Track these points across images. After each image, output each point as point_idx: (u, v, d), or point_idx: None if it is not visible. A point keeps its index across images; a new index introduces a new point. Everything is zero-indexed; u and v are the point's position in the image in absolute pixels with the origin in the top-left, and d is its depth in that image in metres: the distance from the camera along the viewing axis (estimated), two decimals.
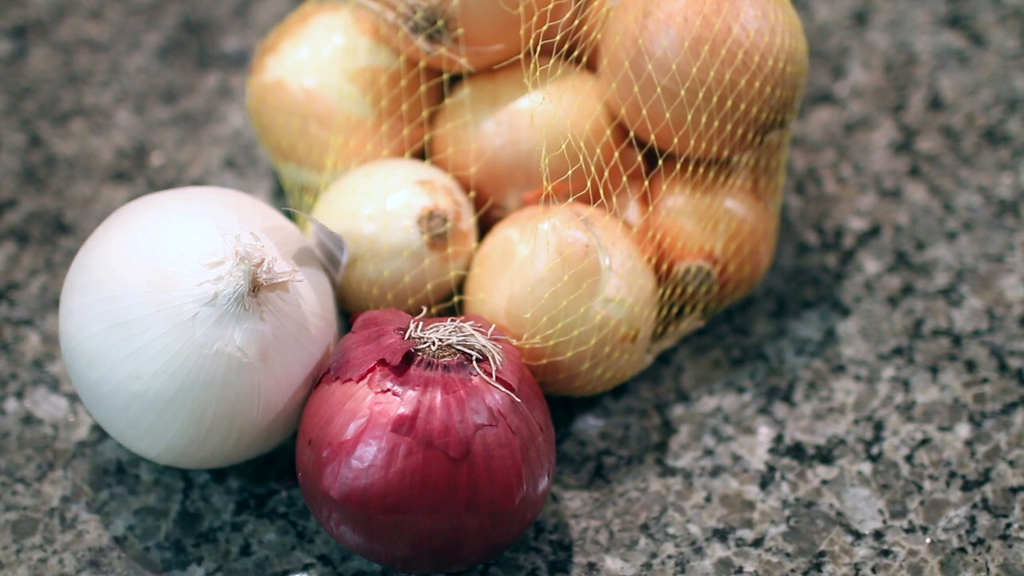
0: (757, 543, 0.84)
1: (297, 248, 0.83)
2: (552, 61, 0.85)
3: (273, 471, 0.86)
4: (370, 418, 0.77)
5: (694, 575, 0.82)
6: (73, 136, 1.01)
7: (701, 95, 0.84)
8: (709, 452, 0.87)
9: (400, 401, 0.77)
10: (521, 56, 0.84)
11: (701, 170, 0.87)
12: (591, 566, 0.83)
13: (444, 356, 0.79)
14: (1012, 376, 0.90)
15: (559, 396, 0.87)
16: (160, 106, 1.03)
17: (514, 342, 0.83)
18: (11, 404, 0.89)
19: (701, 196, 0.87)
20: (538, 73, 0.85)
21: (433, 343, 0.79)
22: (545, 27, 0.83)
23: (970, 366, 0.90)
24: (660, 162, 0.86)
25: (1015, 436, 0.87)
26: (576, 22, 0.85)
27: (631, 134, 0.87)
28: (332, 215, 0.86)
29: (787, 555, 0.83)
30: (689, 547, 0.83)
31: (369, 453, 0.77)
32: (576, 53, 0.85)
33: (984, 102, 1.03)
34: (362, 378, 0.78)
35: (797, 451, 0.87)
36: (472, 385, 0.78)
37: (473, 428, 0.77)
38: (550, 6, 0.84)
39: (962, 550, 0.83)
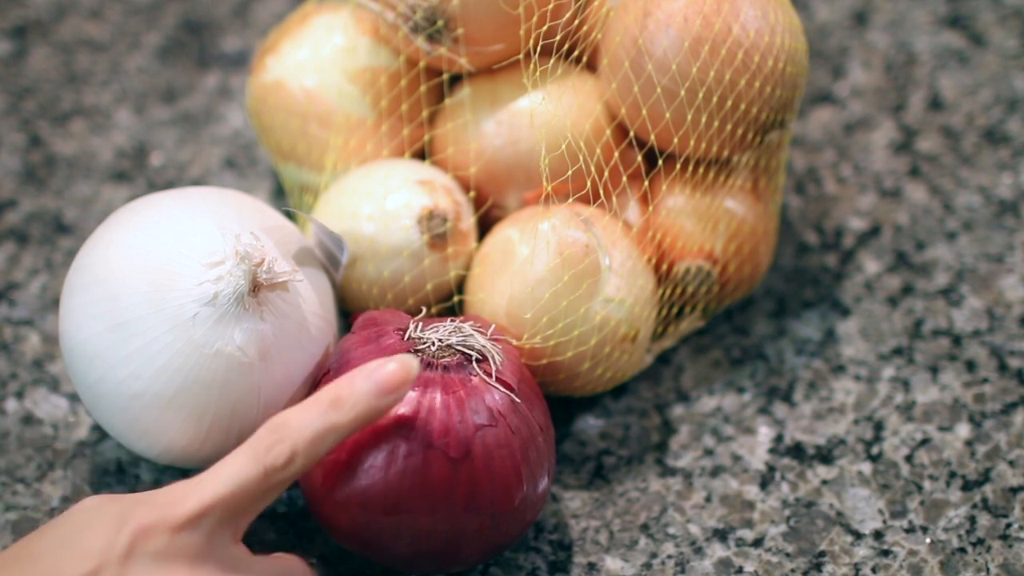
0: (757, 543, 0.84)
1: (297, 248, 0.83)
2: (552, 61, 0.85)
3: None
4: None
5: (694, 575, 0.82)
6: (73, 136, 1.01)
7: (701, 95, 0.84)
8: (709, 452, 0.87)
9: (400, 401, 0.77)
10: (521, 56, 0.84)
11: (701, 170, 0.87)
12: (591, 566, 0.83)
13: (444, 356, 0.79)
14: (1012, 376, 0.90)
15: (559, 396, 0.87)
16: (160, 106, 1.03)
17: (514, 342, 0.83)
18: (11, 404, 0.89)
19: (701, 196, 0.87)
20: (538, 73, 0.85)
21: (433, 343, 0.79)
22: (545, 27, 0.83)
23: (970, 366, 0.90)
24: (660, 162, 0.86)
25: (1015, 436, 0.87)
26: (576, 22, 0.85)
27: (631, 134, 0.87)
28: (332, 215, 0.86)
29: (787, 555, 0.83)
30: (689, 547, 0.83)
31: (369, 454, 0.77)
32: (576, 53, 0.85)
33: (984, 102, 1.03)
34: None
35: (797, 451, 0.87)
36: (472, 385, 0.78)
37: (473, 428, 0.77)
38: (550, 6, 0.84)
39: (962, 550, 0.83)
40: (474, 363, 0.79)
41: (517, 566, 0.83)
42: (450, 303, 0.87)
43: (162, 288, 0.78)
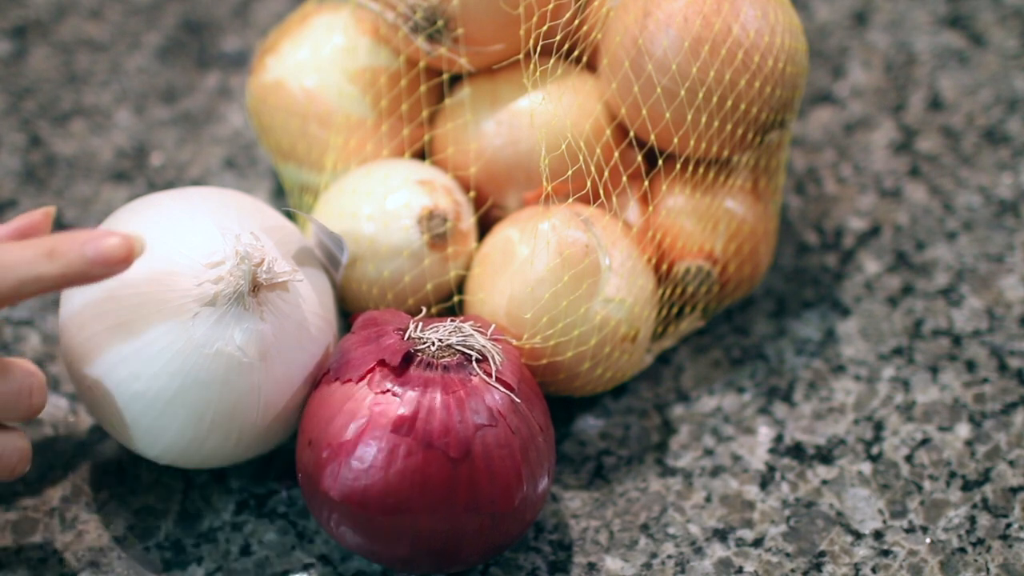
0: (757, 543, 0.84)
1: (297, 248, 0.83)
2: (552, 61, 0.85)
3: (273, 471, 0.86)
4: (370, 419, 0.77)
5: (694, 575, 0.82)
6: (73, 136, 1.01)
7: (701, 95, 0.84)
8: (709, 452, 0.87)
9: (400, 402, 0.77)
10: (521, 56, 0.84)
11: (701, 170, 0.87)
12: (591, 566, 0.83)
13: (444, 356, 0.79)
14: (1012, 376, 0.90)
15: (559, 396, 0.87)
16: (160, 106, 1.03)
17: (514, 342, 0.83)
18: None
19: (701, 196, 0.87)
20: (538, 73, 0.85)
21: (433, 343, 0.79)
22: (545, 27, 0.83)
23: (970, 366, 0.90)
24: (660, 162, 0.86)
25: (1015, 436, 0.87)
26: (576, 22, 0.85)
27: (631, 134, 0.87)
28: (332, 215, 0.86)
29: (787, 555, 0.83)
30: (689, 547, 0.83)
31: (369, 454, 0.77)
32: (576, 53, 0.85)
33: (984, 102, 1.03)
34: (362, 378, 0.78)
35: (797, 451, 0.87)
36: (472, 385, 0.78)
37: (473, 428, 0.77)
38: (550, 6, 0.84)
39: (962, 550, 0.83)
40: (474, 363, 0.79)
41: (517, 566, 0.83)
42: (450, 303, 0.87)
43: (162, 288, 0.78)
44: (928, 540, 0.83)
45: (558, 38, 0.84)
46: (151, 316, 0.78)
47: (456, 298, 0.87)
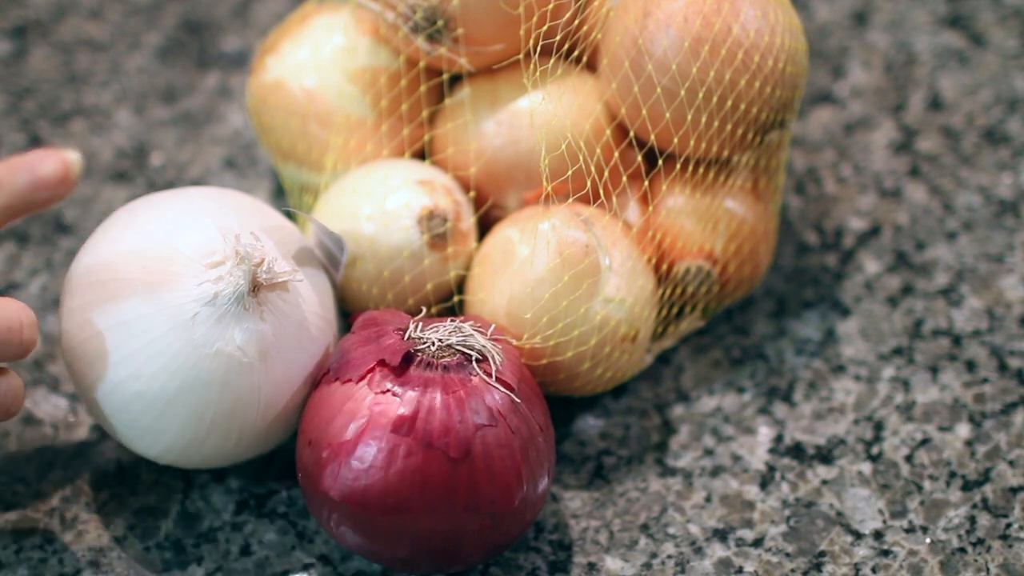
0: (757, 543, 0.84)
1: (297, 248, 0.83)
2: (552, 61, 0.85)
3: (273, 471, 0.86)
4: (370, 419, 0.77)
5: (694, 575, 0.82)
6: (73, 136, 1.01)
7: (701, 95, 0.84)
8: (709, 452, 0.87)
9: (400, 402, 0.77)
10: (521, 56, 0.84)
11: (701, 170, 0.87)
12: (591, 566, 0.83)
13: (444, 356, 0.79)
14: (1012, 376, 0.90)
15: (559, 396, 0.87)
16: (160, 106, 1.03)
17: (514, 342, 0.83)
18: None
19: (701, 196, 0.87)
20: (538, 73, 0.85)
21: (433, 343, 0.79)
22: (545, 27, 0.83)
23: (970, 366, 0.90)
24: (660, 162, 0.86)
25: (1015, 436, 0.87)
26: (576, 22, 0.85)
27: (631, 134, 0.87)
28: (332, 215, 0.86)
29: (787, 555, 0.83)
30: (689, 547, 0.83)
31: (369, 454, 0.77)
32: (576, 53, 0.85)
33: (984, 102, 1.03)
34: (362, 379, 0.78)
35: (797, 451, 0.87)
36: (472, 385, 0.78)
37: (473, 428, 0.77)
38: (550, 6, 0.84)
39: (962, 550, 0.83)
40: (474, 363, 0.79)
41: (517, 566, 0.83)
42: (450, 303, 0.87)
43: (162, 288, 0.78)
44: (928, 540, 0.83)
45: (558, 38, 0.84)
46: (151, 316, 0.78)
47: (456, 298, 0.87)
